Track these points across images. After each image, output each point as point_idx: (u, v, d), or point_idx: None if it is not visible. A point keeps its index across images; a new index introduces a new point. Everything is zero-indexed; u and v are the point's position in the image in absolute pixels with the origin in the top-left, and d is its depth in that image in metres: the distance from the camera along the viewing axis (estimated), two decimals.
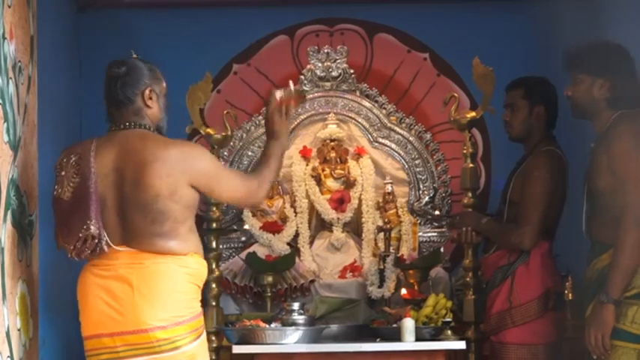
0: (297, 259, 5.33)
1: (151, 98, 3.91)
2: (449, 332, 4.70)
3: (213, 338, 4.78)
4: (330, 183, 5.53)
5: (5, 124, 3.94)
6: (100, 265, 3.81)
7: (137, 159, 3.77)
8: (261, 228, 5.41)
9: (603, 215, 4.04)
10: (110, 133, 3.91)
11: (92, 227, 3.75)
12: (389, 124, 5.58)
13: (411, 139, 5.57)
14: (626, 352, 3.91)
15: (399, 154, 5.57)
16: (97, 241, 3.76)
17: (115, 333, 3.75)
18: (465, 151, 4.90)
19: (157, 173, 3.75)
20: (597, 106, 4.11)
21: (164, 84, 4.00)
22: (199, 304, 3.89)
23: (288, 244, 5.42)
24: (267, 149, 4.03)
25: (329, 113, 5.57)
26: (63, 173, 3.84)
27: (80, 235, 3.76)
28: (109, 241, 3.77)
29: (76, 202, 3.79)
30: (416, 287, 5.09)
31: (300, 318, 4.66)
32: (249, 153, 5.59)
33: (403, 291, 5.07)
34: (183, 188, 3.78)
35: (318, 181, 5.52)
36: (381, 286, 5.21)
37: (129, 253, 3.78)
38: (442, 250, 5.38)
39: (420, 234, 5.44)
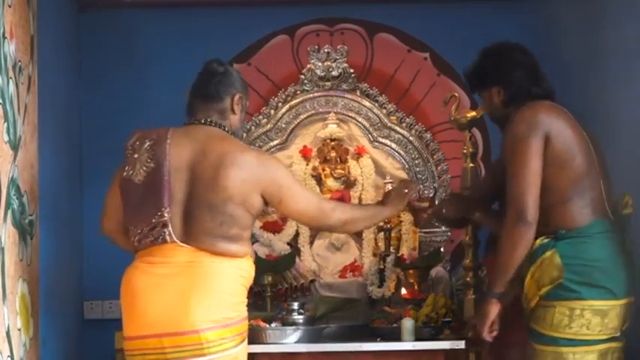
0: (297, 259, 5.33)
1: (238, 105, 3.93)
2: (449, 332, 4.71)
3: None
4: (331, 183, 5.53)
5: (5, 124, 3.94)
6: (155, 263, 3.74)
7: (214, 160, 3.75)
8: (261, 227, 5.41)
9: None
10: (188, 126, 3.89)
11: (166, 215, 3.71)
12: (389, 124, 5.58)
13: (411, 138, 5.57)
14: (557, 356, 3.86)
15: (400, 154, 5.57)
16: (164, 229, 3.71)
17: (163, 334, 3.67)
18: (465, 151, 4.89)
19: (232, 178, 3.73)
20: (504, 111, 4.12)
21: (247, 103, 4.05)
22: (246, 307, 3.85)
23: (289, 243, 5.42)
24: (372, 206, 4.33)
25: (329, 113, 5.57)
26: (136, 156, 3.79)
27: (153, 220, 3.72)
28: (172, 234, 3.72)
29: (149, 187, 3.74)
30: (416, 287, 5.09)
31: (300, 318, 4.67)
32: None
33: (403, 291, 5.08)
34: (254, 196, 3.78)
35: (319, 181, 5.52)
36: (381, 285, 5.22)
37: (188, 251, 3.73)
38: (442, 249, 5.38)
39: (420, 234, 5.44)
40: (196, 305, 3.67)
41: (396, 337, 4.62)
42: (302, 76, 5.63)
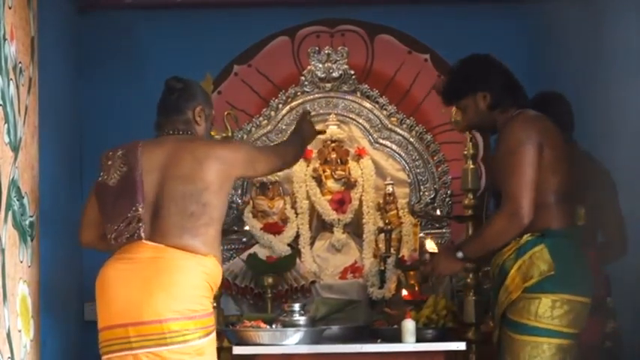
0: (297, 260, 5.33)
1: (200, 116, 4.13)
2: (449, 333, 4.70)
3: None
4: (331, 184, 5.53)
5: (6, 126, 3.94)
6: (124, 259, 3.91)
7: (189, 157, 3.96)
8: (261, 229, 5.41)
9: None
10: (158, 138, 4.09)
11: (140, 209, 3.90)
12: (389, 125, 5.58)
13: (411, 140, 5.57)
14: (536, 346, 4.01)
15: (400, 155, 5.57)
16: (139, 224, 3.89)
17: (129, 323, 3.83)
18: (465, 152, 4.90)
19: (210, 169, 3.95)
20: (490, 116, 4.23)
21: (213, 112, 4.25)
22: (211, 304, 3.99)
23: (289, 245, 5.42)
24: (293, 139, 4.50)
25: (330, 114, 5.58)
26: (110, 163, 4.00)
27: (129, 215, 3.90)
28: (144, 230, 3.90)
29: (123, 188, 3.94)
30: (416, 288, 5.09)
31: (300, 319, 4.66)
32: None
33: (404, 292, 5.07)
34: (229, 182, 4.03)
35: (319, 182, 5.52)
36: (381, 287, 5.22)
37: (153, 247, 3.89)
38: None
39: (421, 235, 5.44)
40: (159, 295, 3.82)
41: (397, 338, 4.62)
42: (302, 78, 5.63)
